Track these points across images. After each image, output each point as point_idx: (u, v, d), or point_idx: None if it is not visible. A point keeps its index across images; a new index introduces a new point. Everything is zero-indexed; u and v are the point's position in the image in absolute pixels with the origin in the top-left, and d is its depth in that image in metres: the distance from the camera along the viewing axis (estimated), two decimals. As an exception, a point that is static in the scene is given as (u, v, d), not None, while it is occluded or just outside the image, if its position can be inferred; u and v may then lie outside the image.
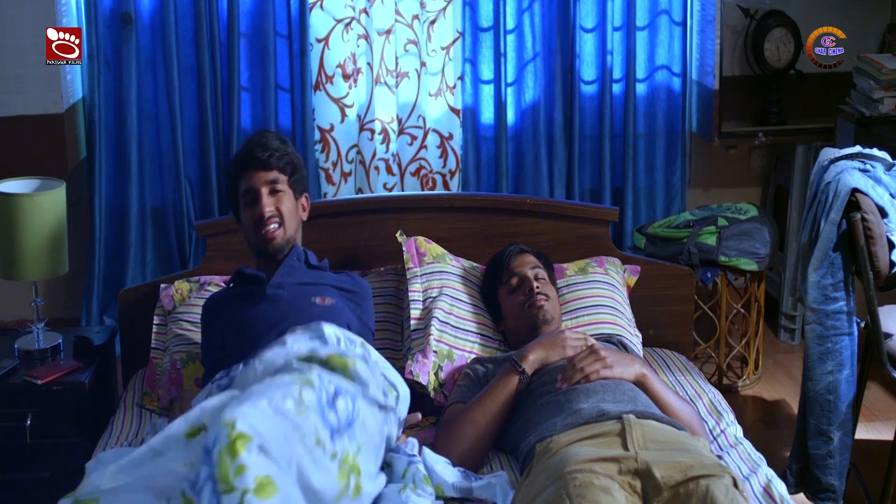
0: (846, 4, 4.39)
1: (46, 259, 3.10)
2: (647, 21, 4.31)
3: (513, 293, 2.98)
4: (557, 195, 4.33)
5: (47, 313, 3.34)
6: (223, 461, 1.93)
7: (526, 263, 3.02)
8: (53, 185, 3.16)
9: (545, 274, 3.03)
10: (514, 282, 2.99)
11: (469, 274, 3.22)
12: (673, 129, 4.40)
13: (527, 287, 2.95)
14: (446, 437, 2.62)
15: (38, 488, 3.03)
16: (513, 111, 4.31)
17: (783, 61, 4.27)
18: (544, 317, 2.90)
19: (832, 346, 3.09)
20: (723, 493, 2.16)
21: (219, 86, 4.12)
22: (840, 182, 3.01)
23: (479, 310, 3.13)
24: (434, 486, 2.39)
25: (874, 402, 3.95)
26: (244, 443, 1.95)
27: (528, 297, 2.93)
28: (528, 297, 2.93)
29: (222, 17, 4.09)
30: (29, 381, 3.01)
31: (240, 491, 1.92)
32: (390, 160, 4.26)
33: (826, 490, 3.15)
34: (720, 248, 3.89)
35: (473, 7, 4.20)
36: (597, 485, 2.18)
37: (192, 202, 4.20)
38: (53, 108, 3.86)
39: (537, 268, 3.02)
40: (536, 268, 3.01)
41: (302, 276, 2.88)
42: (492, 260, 3.12)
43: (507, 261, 3.04)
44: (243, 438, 1.96)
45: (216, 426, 1.99)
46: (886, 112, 3.94)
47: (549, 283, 3.02)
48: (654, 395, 2.63)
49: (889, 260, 3.01)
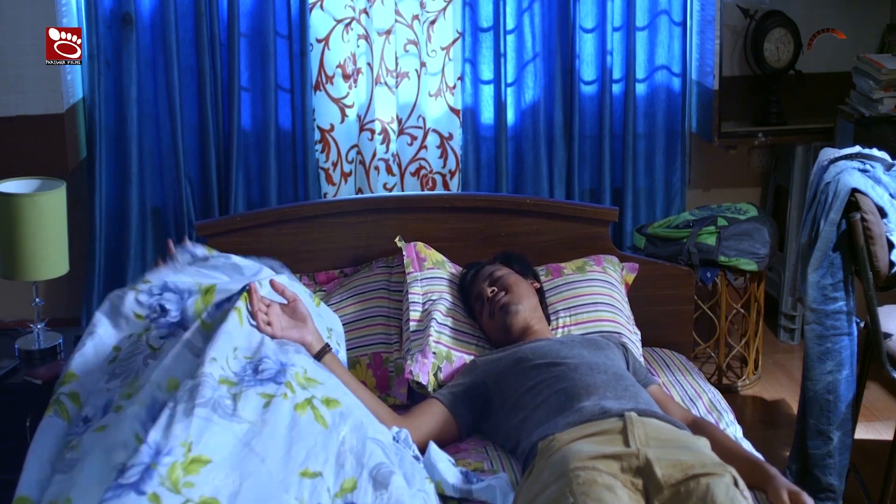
0: (846, 4, 4.40)
1: (46, 259, 3.11)
2: (646, 21, 4.31)
3: (480, 313, 3.04)
4: (557, 195, 4.33)
5: (47, 313, 3.34)
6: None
7: (480, 280, 3.06)
8: (53, 185, 3.16)
9: (503, 270, 3.05)
10: (478, 305, 3.04)
11: (467, 280, 3.23)
12: (673, 130, 4.40)
13: (484, 300, 3.00)
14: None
15: (39, 488, 3.03)
16: (513, 111, 4.31)
17: (783, 61, 4.27)
18: (507, 312, 2.93)
19: (832, 346, 3.10)
20: (723, 492, 2.16)
21: (219, 86, 4.12)
22: (840, 182, 3.01)
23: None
24: (434, 483, 2.39)
25: (874, 402, 3.95)
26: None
27: (489, 306, 2.97)
28: (489, 306, 2.97)
29: (222, 17, 4.09)
30: (29, 381, 3.02)
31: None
32: (390, 160, 4.26)
33: (826, 490, 3.15)
34: (720, 248, 3.89)
35: (473, 7, 4.20)
36: (600, 482, 2.18)
37: (192, 202, 4.20)
38: (54, 108, 3.85)
39: (492, 272, 3.05)
40: (491, 272, 3.04)
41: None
42: (459, 294, 3.15)
43: (467, 289, 3.10)
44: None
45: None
46: (886, 112, 3.94)
47: (511, 273, 3.04)
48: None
49: (888, 260, 3.01)
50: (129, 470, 1.98)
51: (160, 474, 1.97)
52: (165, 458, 2.00)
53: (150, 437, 2.03)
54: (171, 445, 2.01)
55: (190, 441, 2.04)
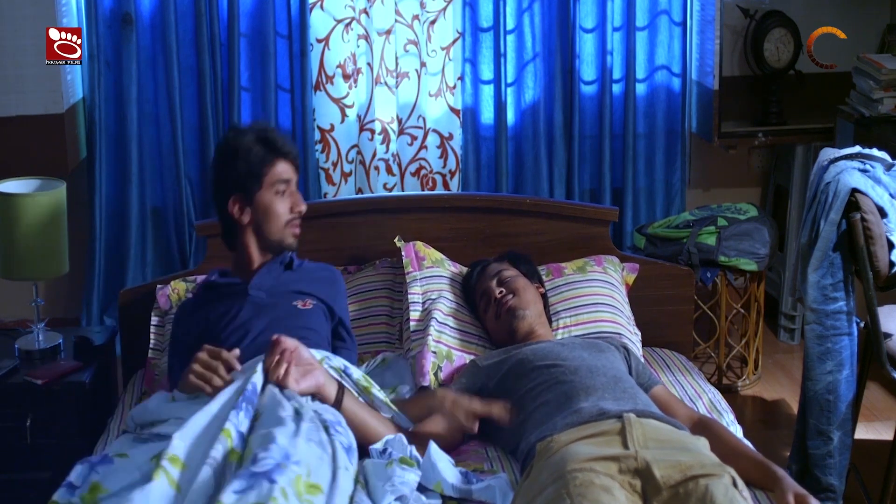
0: (846, 4, 4.39)
1: (46, 259, 3.10)
2: (646, 21, 4.31)
3: (485, 311, 3.03)
4: (557, 195, 4.33)
5: (47, 313, 3.34)
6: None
7: (487, 277, 3.04)
8: (53, 185, 3.16)
9: (511, 271, 3.04)
10: (482, 302, 3.03)
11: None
12: (673, 130, 4.40)
13: (491, 299, 2.98)
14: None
15: (38, 488, 3.01)
16: (513, 111, 4.31)
17: (783, 61, 4.27)
18: (515, 315, 2.92)
19: (832, 346, 3.09)
20: (722, 493, 2.16)
21: (219, 86, 4.12)
22: (840, 182, 3.01)
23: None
24: (434, 483, 2.39)
25: (874, 402, 3.95)
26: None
27: (496, 306, 2.96)
28: (496, 306, 2.96)
29: (222, 17, 4.09)
30: (29, 381, 3.01)
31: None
32: (390, 160, 4.26)
33: (826, 490, 3.15)
34: (720, 248, 3.89)
35: (473, 7, 4.20)
36: (597, 484, 2.18)
37: (192, 202, 4.20)
38: (54, 108, 3.85)
39: (500, 271, 3.04)
40: (499, 272, 3.03)
41: (281, 276, 2.86)
42: (462, 289, 3.15)
43: (473, 286, 3.09)
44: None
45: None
46: (886, 112, 3.94)
47: (519, 276, 3.03)
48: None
49: (888, 260, 3.01)
50: (262, 461, 2.04)
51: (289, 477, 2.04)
52: (294, 466, 2.07)
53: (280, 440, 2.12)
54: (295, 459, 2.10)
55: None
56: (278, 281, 2.84)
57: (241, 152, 2.78)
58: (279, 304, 2.78)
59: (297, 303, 2.80)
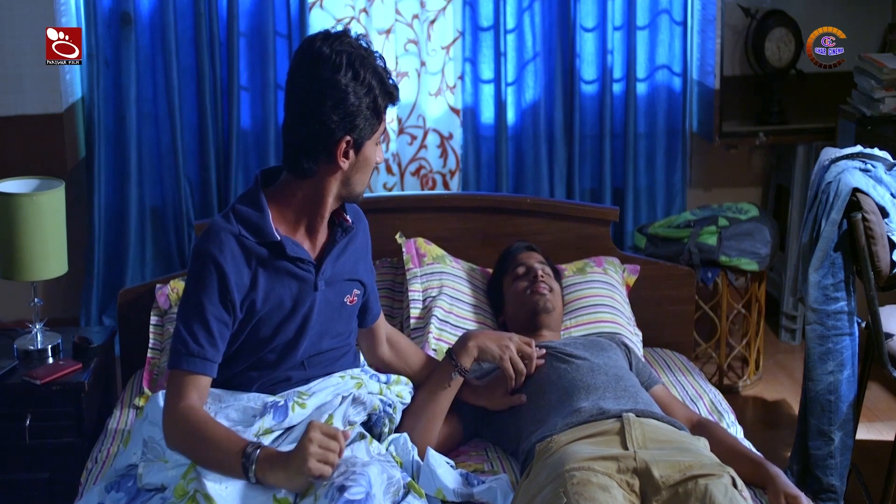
0: (847, 4, 4.39)
1: (46, 259, 3.10)
2: (647, 20, 4.30)
3: (517, 280, 3.00)
4: (557, 195, 4.32)
5: (47, 313, 3.33)
6: None
7: (533, 258, 3.05)
8: (53, 185, 3.15)
9: (551, 272, 3.05)
10: (521, 270, 3.01)
11: (468, 275, 3.22)
12: (673, 129, 4.39)
13: (532, 274, 2.97)
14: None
15: (37, 488, 3.03)
16: (513, 111, 4.31)
17: (784, 61, 4.26)
18: (545, 304, 2.91)
19: (833, 347, 3.09)
20: (721, 493, 2.16)
21: (218, 86, 4.11)
22: (841, 182, 3.01)
23: (479, 309, 3.13)
24: (435, 490, 2.38)
25: (875, 402, 3.94)
26: None
27: (532, 282, 2.95)
28: (532, 282, 2.95)
29: (222, 16, 4.08)
30: (28, 382, 3.01)
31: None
32: (390, 160, 4.26)
33: (827, 490, 3.14)
34: (721, 247, 3.89)
35: (473, 6, 4.19)
36: (595, 482, 2.18)
37: (192, 202, 4.19)
38: (53, 108, 3.85)
39: (544, 264, 3.04)
40: (543, 264, 3.04)
41: (339, 259, 2.49)
42: (501, 255, 3.14)
43: (515, 254, 3.08)
44: None
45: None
46: (887, 112, 3.93)
47: (555, 281, 3.04)
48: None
49: (890, 260, 3.00)
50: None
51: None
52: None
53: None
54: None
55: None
56: (336, 262, 2.48)
57: (372, 87, 2.32)
58: (332, 301, 2.47)
59: (347, 298, 2.50)
